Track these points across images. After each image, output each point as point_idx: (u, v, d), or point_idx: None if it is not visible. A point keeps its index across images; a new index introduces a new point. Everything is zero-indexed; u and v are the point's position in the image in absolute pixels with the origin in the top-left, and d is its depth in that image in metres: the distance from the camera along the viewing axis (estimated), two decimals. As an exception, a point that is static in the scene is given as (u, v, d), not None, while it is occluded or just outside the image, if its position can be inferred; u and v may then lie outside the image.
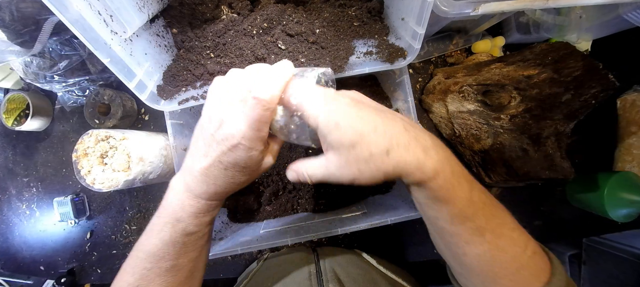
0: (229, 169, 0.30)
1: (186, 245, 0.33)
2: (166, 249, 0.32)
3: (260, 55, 0.46)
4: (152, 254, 0.32)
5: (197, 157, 0.31)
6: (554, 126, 0.56)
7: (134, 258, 0.33)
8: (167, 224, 0.32)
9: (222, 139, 0.29)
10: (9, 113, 0.68)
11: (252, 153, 0.29)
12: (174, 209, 0.32)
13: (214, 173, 0.30)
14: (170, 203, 0.32)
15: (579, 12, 0.57)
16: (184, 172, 0.32)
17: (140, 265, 0.32)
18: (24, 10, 0.49)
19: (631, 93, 0.63)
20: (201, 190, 0.31)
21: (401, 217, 0.49)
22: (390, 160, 0.25)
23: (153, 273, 0.32)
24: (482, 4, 0.38)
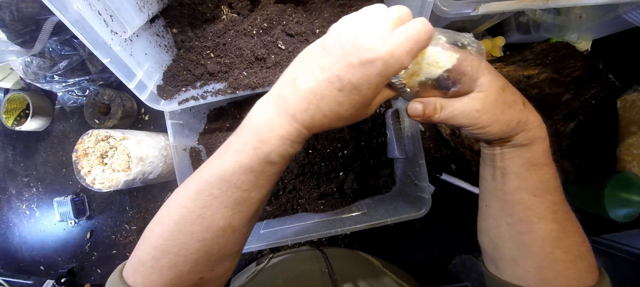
0: (344, 91, 0.24)
1: (262, 176, 0.27)
2: (241, 175, 0.26)
3: (260, 55, 0.46)
4: (223, 179, 0.27)
5: (305, 72, 0.25)
6: (554, 126, 0.56)
7: (197, 181, 0.28)
8: (248, 145, 0.26)
9: (355, 49, 0.23)
10: (9, 113, 0.68)
11: (379, 79, 0.24)
12: (260, 128, 0.26)
13: (322, 92, 0.25)
14: (255, 121, 0.27)
15: (579, 12, 0.57)
16: (281, 89, 0.27)
17: (206, 190, 0.27)
18: (24, 10, 0.49)
19: (631, 93, 0.63)
20: (300, 109, 0.25)
21: (401, 217, 0.49)
22: (524, 110, 0.29)
23: (219, 203, 0.27)
24: (482, 4, 0.38)
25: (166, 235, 0.27)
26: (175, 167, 0.50)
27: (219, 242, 0.28)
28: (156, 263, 0.27)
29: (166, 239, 0.27)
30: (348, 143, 0.57)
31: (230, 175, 0.26)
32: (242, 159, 0.26)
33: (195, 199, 0.27)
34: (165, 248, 0.27)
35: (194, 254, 0.27)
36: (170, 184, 0.69)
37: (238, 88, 0.45)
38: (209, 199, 0.27)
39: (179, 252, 0.27)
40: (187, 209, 0.27)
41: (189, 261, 0.27)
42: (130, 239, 0.70)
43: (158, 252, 0.27)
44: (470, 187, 0.64)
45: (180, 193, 0.28)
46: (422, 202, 0.49)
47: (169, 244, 0.27)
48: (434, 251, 0.68)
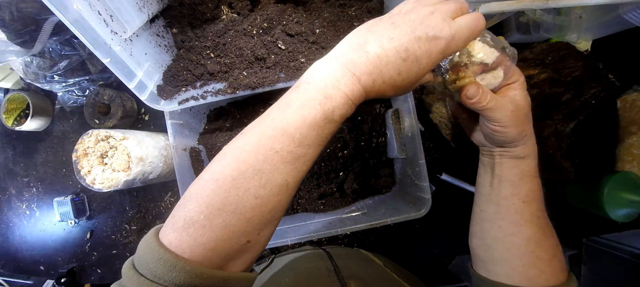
0: (408, 61, 0.27)
1: (323, 133, 0.28)
2: (304, 130, 0.26)
3: (260, 55, 0.46)
4: (286, 133, 0.26)
5: (374, 39, 0.28)
6: (554, 126, 0.56)
7: (257, 135, 0.27)
8: (314, 101, 0.27)
9: (425, 26, 0.27)
10: (9, 113, 0.68)
11: (438, 56, 0.28)
12: (326, 85, 0.27)
13: (389, 59, 0.27)
14: (320, 78, 0.27)
15: (579, 12, 0.57)
16: (347, 52, 0.28)
17: (267, 144, 0.26)
18: (24, 10, 0.49)
19: (631, 93, 0.63)
20: (366, 71, 0.27)
21: (401, 217, 0.49)
22: (531, 128, 0.35)
23: (279, 158, 0.26)
24: (482, 4, 0.38)
25: (221, 192, 0.25)
26: (175, 167, 0.50)
27: (273, 201, 0.27)
28: (209, 222, 0.25)
29: (221, 196, 0.25)
30: (348, 143, 0.57)
31: (294, 129, 0.26)
32: (307, 114, 0.27)
33: (255, 153, 0.26)
34: (220, 206, 0.25)
35: (248, 212, 0.26)
36: (170, 184, 0.69)
37: (238, 88, 0.45)
38: (270, 154, 0.26)
39: (235, 210, 0.25)
40: (245, 163, 0.26)
41: (242, 220, 0.26)
42: (130, 239, 0.70)
43: (213, 210, 0.25)
44: (470, 187, 0.64)
45: (237, 147, 0.27)
46: (422, 202, 0.49)
47: (224, 201, 0.25)
48: (434, 251, 0.68)
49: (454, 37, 0.28)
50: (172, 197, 0.69)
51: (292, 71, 0.46)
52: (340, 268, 0.44)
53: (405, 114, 0.54)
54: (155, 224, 0.69)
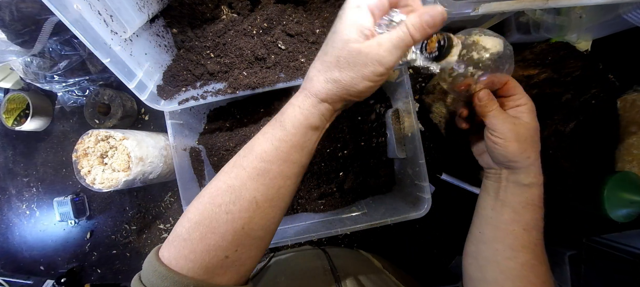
0: (340, 65, 0.28)
1: (281, 149, 0.30)
2: (265, 146, 0.30)
3: (260, 55, 0.46)
4: (251, 150, 0.30)
5: (319, 56, 0.30)
6: (554, 126, 0.56)
7: (234, 158, 0.31)
8: (275, 120, 0.31)
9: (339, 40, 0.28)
10: (9, 113, 0.68)
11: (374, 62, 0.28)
12: (286, 107, 0.31)
13: (327, 64, 0.29)
14: (290, 103, 0.31)
15: (579, 12, 0.57)
16: (305, 80, 0.31)
17: (238, 162, 0.30)
18: (24, 10, 0.49)
19: (631, 93, 0.63)
20: (317, 89, 0.29)
21: (401, 217, 0.49)
22: (535, 155, 0.36)
23: (245, 174, 0.30)
24: (482, 4, 0.38)
25: (200, 207, 0.29)
26: (175, 167, 0.50)
27: (243, 217, 0.29)
28: (189, 236, 0.28)
29: (200, 212, 0.29)
30: (348, 143, 0.57)
31: (257, 147, 0.30)
32: (267, 131, 0.31)
33: (229, 172, 0.30)
34: (198, 220, 0.29)
35: (221, 226, 0.29)
36: (170, 184, 0.69)
37: (238, 88, 0.45)
38: (240, 171, 0.30)
39: (209, 224, 0.28)
40: (221, 181, 0.30)
41: (216, 234, 0.28)
42: (130, 239, 0.70)
43: (192, 224, 0.29)
44: (470, 187, 0.64)
45: (221, 171, 0.31)
46: (422, 202, 0.49)
47: (201, 215, 0.29)
48: (434, 251, 0.68)
49: (382, 45, 0.27)
50: (172, 197, 0.69)
51: (292, 71, 0.46)
52: (338, 267, 0.45)
53: (405, 114, 0.54)
54: (155, 224, 0.69)
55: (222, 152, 0.56)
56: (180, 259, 0.28)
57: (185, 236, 0.28)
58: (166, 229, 0.69)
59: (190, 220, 0.29)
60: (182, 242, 0.28)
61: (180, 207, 0.66)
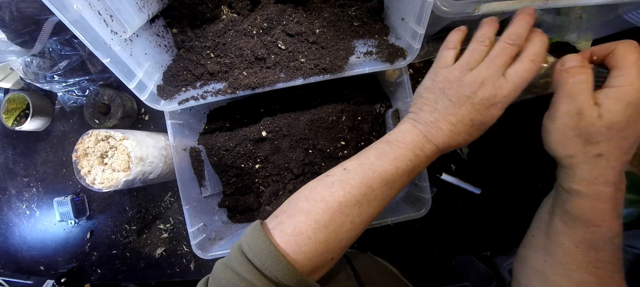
0: (474, 126, 0.33)
1: (403, 182, 0.34)
2: (397, 177, 0.33)
3: (260, 55, 0.46)
4: (382, 177, 0.32)
5: (443, 118, 0.33)
6: (554, 126, 0.56)
7: (360, 173, 0.33)
8: (406, 157, 0.33)
9: (482, 99, 0.31)
10: (9, 113, 0.68)
11: (500, 113, 0.32)
12: (415, 146, 0.33)
13: (459, 129, 0.33)
14: (412, 140, 0.34)
15: (579, 12, 0.56)
16: (423, 123, 0.34)
17: (367, 183, 0.32)
18: (24, 10, 0.49)
19: (631, 93, 0.63)
20: (442, 141, 0.33)
21: (401, 217, 0.49)
22: (584, 153, 0.30)
23: (373, 196, 0.32)
24: (482, 4, 0.38)
25: (329, 213, 0.31)
26: (175, 167, 0.50)
27: (361, 228, 0.33)
28: (314, 236, 0.30)
29: (328, 216, 0.31)
30: (348, 143, 0.57)
31: (389, 175, 0.33)
32: (400, 165, 0.33)
33: (358, 187, 0.32)
34: (326, 224, 0.31)
35: (344, 234, 0.31)
36: (170, 184, 0.69)
37: (238, 88, 0.45)
38: (368, 191, 0.32)
39: (335, 230, 0.31)
40: (350, 193, 0.32)
41: (337, 240, 0.31)
42: (130, 239, 0.70)
43: (319, 226, 0.30)
44: (470, 187, 0.64)
45: (342, 180, 0.33)
46: (422, 202, 0.49)
47: (329, 221, 0.31)
48: (434, 250, 0.68)
49: (510, 95, 0.31)
50: (172, 197, 0.69)
51: (292, 71, 0.46)
52: (360, 273, 0.45)
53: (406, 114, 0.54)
54: (155, 224, 0.69)
55: (222, 152, 0.56)
56: (299, 255, 0.30)
57: (310, 235, 0.30)
58: (166, 229, 0.69)
59: (317, 221, 0.30)
60: (306, 240, 0.30)
61: (180, 207, 0.66)
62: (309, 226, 0.30)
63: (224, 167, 0.58)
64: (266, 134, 0.55)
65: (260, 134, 0.55)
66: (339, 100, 0.56)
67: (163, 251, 0.69)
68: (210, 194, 0.57)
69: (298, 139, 0.56)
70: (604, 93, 0.28)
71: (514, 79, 0.31)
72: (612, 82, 0.28)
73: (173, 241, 0.69)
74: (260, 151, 0.56)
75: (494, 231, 0.66)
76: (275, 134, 0.55)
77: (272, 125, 0.55)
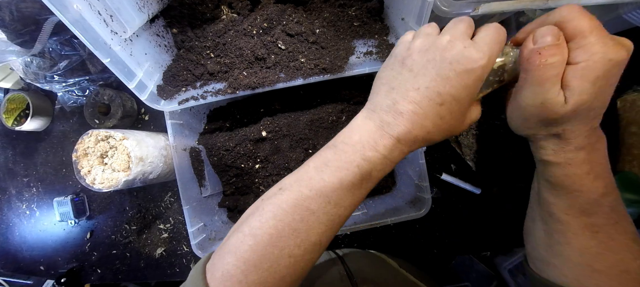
0: (445, 104, 0.26)
1: (359, 194, 0.28)
2: (342, 192, 0.27)
3: (260, 55, 0.46)
4: (323, 194, 0.27)
5: (402, 96, 0.27)
6: (554, 126, 0.56)
7: (294, 194, 0.27)
8: (352, 163, 0.27)
9: (451, 61, 0.25)
10: (9, 113, 0.68)
11: (477, 84, 0.26)
12: (364, 147, 0.27)
13: (425, 111, 0.26)
14: (359, 140, 0.27)
15: (579, 12, 0.56)
16: (378, 110, 0.28)
17: (303, 204, 0.27)
18: (24, 10, 0.49)
19: (631, 93, 0.63)
20: (404, 131, 0.26)
21: (401, 217, 0.49)
22: (553, 122, 0.26)
23: (315, 218, 0.27)
24: (482, 4, 0.38)
25: (259, 249, 0.26)
26: (175, 167, 0.50)
27: (306, 259, 0.27)
28: (245, 278, 0.26)
29: (258, 254, 0.26)
30: (348, 143, 0.57)
31: (331, 191, 0.27)
32: (345, 176, 0.27)
33: (292, 212, 0.27)
34: (256, 263, 0.26)
35: (283, 270, 0.26)
36: (170, 184, 0.69)
37: (238, 88, 0.45)
38: (306, 214, 0.27)
39: (269, 268, 0.26)
40: (282, 221, 0.27)
41: (276, 278, 0.26)
42: (130, 239, 0.70)
43: (249, 266, 0.26)
44: (470, 187, 0.64)
45: (275, 204, 0.28)
46: (422, 202, 0.49)
47: (261, 259, 0.26)
48: (434, 250, 0.68)
49: (481, 60, 0.25)
50: (172, 197, 0.69)
51: (292, 71, 0.46)
52: (353, 272, 0.44)
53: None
54: (155, 224, 0.69)
55: (222, 152, 0.56)
56: None
57: (240, 278, 0.26)
58: (166, 229, 0.69)
59: (246, 260, 0.26)
60: (237, 284, 0.26)
61: (180, 207, 0.66)
62: (237, 267, 0.26)
63: (224, 167, 0.58)
64: (266, 134, 0.55)
65: (260, 134, 0.55)
66: (339, 100, 0.56)
67: (163, 251, 0.69)
68: (210, 194, 0.57)
69: (298, 139, 0.56)
70: (570, 73, 0.25)
71: (486, 40, 0.25)
72: (574, 56, 0.25)
73: (173, 241, 0.69)
74: (260, 151, 0.56)
75: (494, 231, 0.66)
76: (275, 134, 0.55)
77: (272, 125, 0.55)
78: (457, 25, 0.27)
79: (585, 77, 0.24)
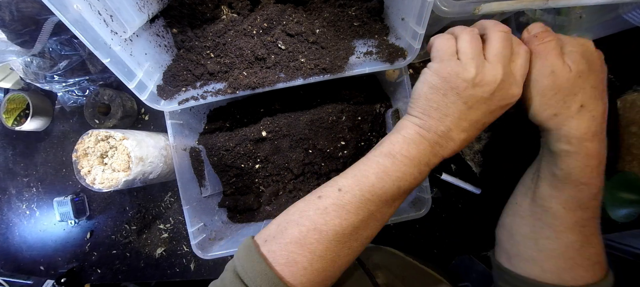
0: (482, 128, 0.31)
1: (404, 198, 0.32)
2: (398, 198, 0.31)
3: (260, 55, 0.46)
4: (383, 200, 0.30)
5: (454, 125, 0.30)
6: (554, 126, 0.56)
7: (358, 197, 0.30)
8: (411, 175, 0.30)
9: (499, 100, 0.29)
10: (9, 113, 0.68)
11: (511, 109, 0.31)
12: (420, 162, 0.30)
13: (470, 134, 0.31)
14: (418, 155, 0.30)
15: (579, 12, 0.56)
16: (432, 133, 0.31)
17: (366, 207, 0.30)
18: (24, 10, 0.49)
19: (631, 93, 0.63)
20: (451, 152, 0.31)
21: (401, 217, 0.49)
22: (568, 111, 0.31)
23: (373, 219, 0.31)
24: (483, 4, 0.38)
25: (324, 242, 0.29)
26: (175, 167, 0.50)
27: (360, 249, 0.31)
28: (310, 266, 0.29)
29: (323, 246, 0.29)
30: (348, 143, 0.57)
31: (390, 197, 0.30)
32: (402, 185, 0.30)
33: (355, 213, 0.30)
34: (321, 254, 0.29)
35: (342, 259, 0.30)
36: (170, 184, 0.69)
37: (238, 88, 0.45)
38: (366, 215, 0.30)
39: (332, 259, 0.29)
40: (346, 221, 0.29)
41: (335, 268, 0.30)
42: (130, 239, 0.70)
43: (314, 257, 0.29)
44: (470, 187, 0.64)
45: (337, 205, 0.30)
46: (422, 202, 0.49)
47: (325, 250, 0.29)
48: (434, 250, 0.68)
49: (518, 93, 0.30)
50: (172, 197, 0.69)
51: (292, 71, 0.45)
52: (366, 261, 0.44)
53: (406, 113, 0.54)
54: (155, 224, 0.69)
55: (222, 152, 0.56)
56: (295, 282, 0.28)
57: (306, 265, 0.28)
58: (166, 229, 0.69)
59: (312, 251, 0.29)
60: (302, 271, 0.28)
61: (180, 207, 0.67)
62: (303, 256, 0.29)
63: (224, 167, 0.58)
64: (266, 134, 0.55)
65: (260, 134, 0.55)
66: (339, 100, 0.56)
67: (163, 251, 0.69)
68: (210, 194, 0.57)
69: (298, 139, 0.56)
70: (565, 47, 0.30)
71: (519, 78, 0.30)
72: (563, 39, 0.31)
73: (173, 241, 0.69)
74: (260, 151, 0.56)
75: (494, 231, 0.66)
76: (275, 134, 0.55)
77: (272, 126, 0.55)
78: (503, 54, 0.29)
79: (575, 51, 0.30)
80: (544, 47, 0.30)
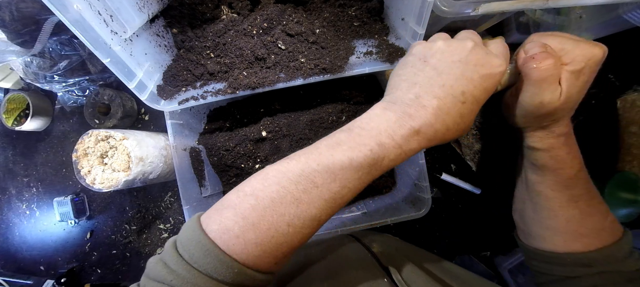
0: (467, 103, 0.28)
1: (365, 179, 0.28)
2: (348, 172, 0.27)
3: (260, 55, 0.46)
4: (330, 171, 0.27)
5: (425, 87, 0.28)
6: (554, 126, 0.56)
7: (301, 165, 0.27)
8: (365, 146, 0.27)
9: (475, 64, 0.28)
10: (9, 113, 0.68)
11: (494, 87, 0.29)
12: (381, 133, 0.27)
13: (448, 104, 0.27)
14: (375, 127, 0.28)
15: (579, 12, 0.56)
16: (399, 103, 0.29)
17: (309, 177, 0.27)
18: (24, 10, 0.49)
19: (631, 93, 0.63)
20: (425, 122, 0.27)
21: (401, 217, 0.49)
22: (533, 119, 0.34)
23: (317, 193, 0.27)
24: (482, 4, 0.38)
25: (259, 209, 0.26)
26: (175, 167, 0.50)
27: (304, 232, 0.28)
28: (242, 234, 0.26)
29: (258, 214, 0.26)
30: (348, 143, 0.57)
31: (338, 169, 0.27)
32: (355, 157, 0.27)
33: (296, 182, 0.27)
34: (255, 222, 0.26)
35: (280, 237, 0.27)
36: (170, 184, 0.69)
37: (238, 88, 0.45)
38: (310, 187, 0.27)
39: (267, 231, 0.26)
40: (285, 189, 0.27)
41: (273, 243, 0.26)
42: (130, 239, 0.70)
43: (247, 224, 0.26)
44: (470, 187, 0.64)
45: (280, 171, 0.28)
46: (422, 202, 0.49)
47: (260, 219, 0.26)
48: (434, 250, 0.68)
49: (500, 67, 0.29)
50: (172, 197, 0.69)
51: (292, 71, 0.46)
52: (379, 255, 0.42)
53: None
54: (155, 224, 0.69)
55: (222, 152, 0.56)
56: (230, 252, 0.26)
57: (238, 233, 0.26)
58: (166, 229, 0.69)
59: (244, 218, 0.26)
60: (234, 239, 0.26)
61: (180, 207, 0.67)
62: (235, 223, 0.26)
63: (224, 167, 0.58)
64: (266, 134, 0.55)
65: (260, 134, 0.55)
66: (339, 100, 0.56)
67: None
68: (210, 194, 0.57)
69: (298, 139, 0.56)
70: (568, 64, 0.31)
71: (499, 53, 0.29)
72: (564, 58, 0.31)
73: (173, 241, 0.69)
74: (260, 151, 0.56)
75: (494, 231, 0.66)
76: (275, 134, 0.55)
77: (272, 125, 0.55)
78: (474, 35, 0.30)
79: (571, 74, 0.30)
80: (539, 74, 0.29)
